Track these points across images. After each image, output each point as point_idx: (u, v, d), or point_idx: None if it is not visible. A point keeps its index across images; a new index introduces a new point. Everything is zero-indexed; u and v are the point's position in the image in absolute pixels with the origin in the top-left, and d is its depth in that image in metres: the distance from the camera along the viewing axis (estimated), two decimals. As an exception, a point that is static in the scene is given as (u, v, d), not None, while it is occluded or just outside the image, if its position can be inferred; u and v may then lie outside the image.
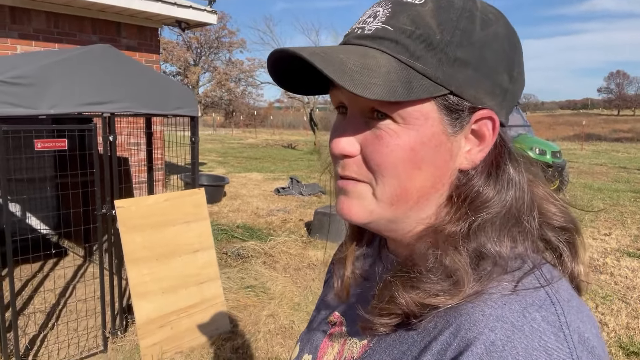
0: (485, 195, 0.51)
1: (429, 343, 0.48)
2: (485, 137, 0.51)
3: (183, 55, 47.44)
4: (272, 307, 3.92)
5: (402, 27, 0.49)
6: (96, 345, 3.24)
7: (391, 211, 0.52)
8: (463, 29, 0.49)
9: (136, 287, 3.10)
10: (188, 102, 3.47)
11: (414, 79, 0.48)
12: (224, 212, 7.31)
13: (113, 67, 3.11)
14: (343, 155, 0.52)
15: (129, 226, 3.10)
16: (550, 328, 0.43)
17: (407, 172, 0.50)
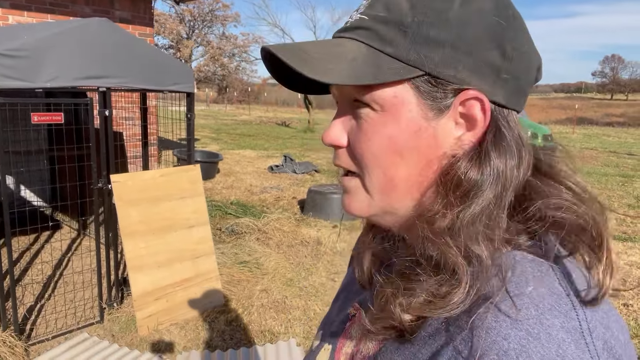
0: (469, 182, 0.47)
1: (440, 348, 0.46)
2: (476, 119, 0.48)
3: (176, 28, 46.62)
4: (265, 282, 4.01)
5: (376, 14, 0.49)
6: (92, 316, 3.32)
7: (384, 201, 0.52)
8: (437, 8, 0.47)
9: (132, 260, 3.15)
10: (185, 78, 3.47)
11: (383, 62, 0.47)
12: (218, 189, 7.35)
13: (110, 41, 3.09)
14: (332, 145, 0.53)
15: (125, 200, 3.14)
16: (569, 335, 0.41)
17: (389, 160, 0.50)
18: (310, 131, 17.51)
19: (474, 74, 0.47)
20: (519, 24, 0.50)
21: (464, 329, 0.44)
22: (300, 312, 3.56)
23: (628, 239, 5.47)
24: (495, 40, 0.47)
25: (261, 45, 0.56)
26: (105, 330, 3.23)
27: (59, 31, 2.88)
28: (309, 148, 13.02)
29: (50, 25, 3.36)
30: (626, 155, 13.35)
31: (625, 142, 18.18)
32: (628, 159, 12.51)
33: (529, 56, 0.51)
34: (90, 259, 3.88)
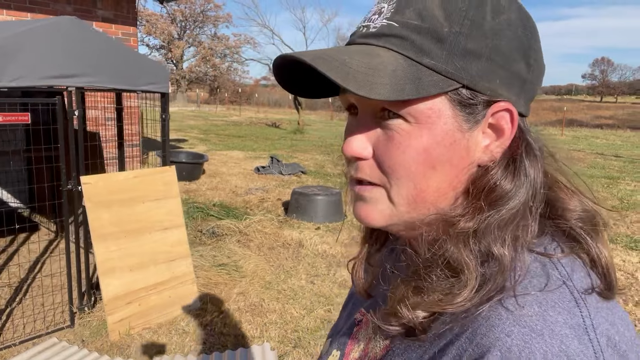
0: (501, 189, 0.48)
1: (445, 347, 0.46)
2: (504, 130, 0.49)
3: (167, 29, 46.39)
4: (243, 285, 3.96)
5: (407, 22, 0.47)
6: (63, 320, 3.24)
7: (408, 213, 0.51)
8: (473, 18, 0.47)
9: (103, 263, 3.09)
10: (160, 78, 3.42)
11: (423, 74, 0.46)
12: (202, 190, 7.29)
13: (81, 40, 3.03)
14: (356, 157, 0.51)
15: (95, 202, 3.07)
16: (573, 331, 0.41)
17: (421, 173, 0.49)
18: (299, 132, 17.46)
19: (505, 86, 0.48)
20: (537, 34, 0.51)
21: (468, 327, 0.45)
22: (277, 316, 3.51)
23: (610, 241, 5.47)
24: (522, 52, 0.48)
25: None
26: (76, 335, 3.16)
27: (26, 30, 2.81)
28: (297, 149, 12.97)
29: (18, 24, 3.29)
30: (613, 157, 13.44)
31: (613, 144, 18.32)
32: (614, 161, 12.60)
33: (542, 65, 0.52)
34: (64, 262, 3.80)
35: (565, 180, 0.53)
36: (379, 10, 0.50)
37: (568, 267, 0.47)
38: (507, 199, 0.48)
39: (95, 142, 4.35)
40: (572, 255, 0.48)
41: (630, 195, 8.03)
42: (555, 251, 0.48)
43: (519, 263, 0.46)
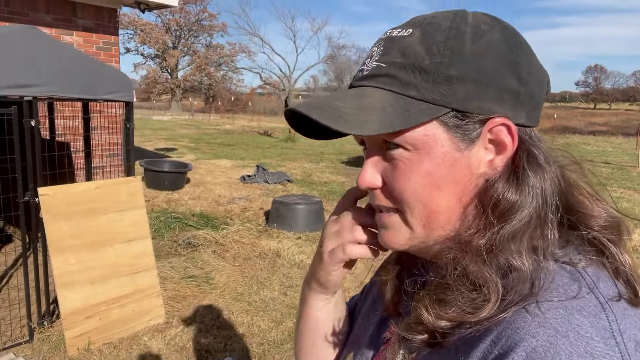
0: (507, 201, 0.50)
1: (469, 351, 0.47)
2: (505, 143, 0.51)
3: (161, 38, 46.49)
4: (212, 297, 3.88)
5: (393, 60, 0.51)
6: (22, 335, 3.16)
7: (426, 233, 0.54)
8: (452, 47, 0.50)
9: (61, 277, 3.01)
10: (122, 86, 3.36)
11: (411, 106, 0.49)
12: (184, 200, 7.21)
13: (37, 49, 2.98)
14: (369, 188, 0.56)
15: (54, 214, 3.00)
16: (599, 334, 0.41)
17: (428, 195, 0.51)
18: (291, 140, 17.42)
19: (497, 102, 0.50)
20: (526, 48, 0.53)
21: (493, 330, 0.46)
22: (244, 329, 3.43)
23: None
24: (510, 68, 0.50)
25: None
26: (34, 350, 3.07)
27: (-20, 38, 2.76)
28: (286, 157, 12.93)
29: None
30: (602, 164, 13.44)
31: (604, 150, 18.37)
32: (603, 167, 12.59)
33: (539, 75, 0.54)
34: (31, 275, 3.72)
35: (590, 188, 0.54)
36: (371, 54, 0.55)
37: (594, 276, 0.47)
38: (515, 211, 0.49)
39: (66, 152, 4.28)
40: (597, 264, 0.49)
41: (615, 202, 7.90)
42: (581, 261, 0.48)
43: (542, 272, 0.47)
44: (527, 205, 0.49)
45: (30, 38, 2.95)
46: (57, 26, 6.39)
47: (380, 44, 0.54)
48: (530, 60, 0.53)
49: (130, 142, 3.42)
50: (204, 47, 49.70)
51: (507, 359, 0.42)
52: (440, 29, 0.51)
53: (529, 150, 0.52)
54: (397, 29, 0.54)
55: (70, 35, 6.54)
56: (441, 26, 0.51)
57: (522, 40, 0.53)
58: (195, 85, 50.10)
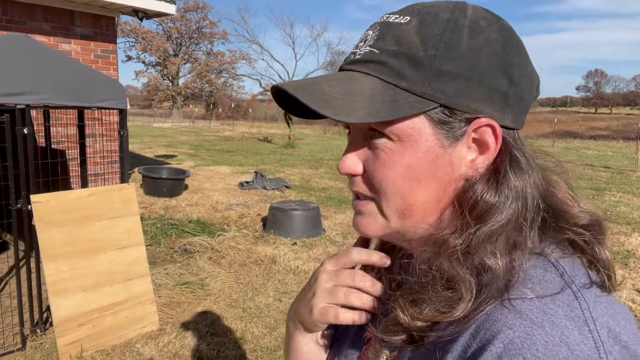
0: (485, 203, 0.50)
1: (449, 346, 0.48)
2: (489, 144, 0.51)
3: (162, 45, 46.74)
4: (207, 303, 3.88)
5: (387, 48, 0.50)
6: (15, 343, 3.16)
7: (400, 224, 0.54)
8: (448, 41, 0.49)
9: (54, 284, 3.02)
10: (116, 94, 3.38)
11: (399, 97, 0.49)
12: (181, 206, 7.22)
13: (30, 58, 3.00)
14: (348, 174, 0.55)
15: (46, 221, 3.01)
16: (573, 323, 0.42)
17: (407, 187, 0.51)
18: (290, 146, 17.45)
19: (485, 102, 0.50)
20: (522, 49, 0.53)
21: (471, 325, 0.46)
22: (238, 335, 3.42)
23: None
24: (503, 69, 0.50)
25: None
26: (27, 358, 3.07)
27: (-28, 47, 2.78)
28: (286, 163, 12.94)
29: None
30: (602, 168, 13.43)
31: (604, 155, 18.34)
32: (603, 172, 12.58)
33: (530, 78, 0.53)
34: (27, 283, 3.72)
35: (571, 190, 0.55)
36: (365, 37, 0.53)
37: (567, 265, 0.48)
38: (493, 212, 0.49)
39: (60, 159, 4.30)
40: (571, 257, 0.50)
41: (614, 206, 7.99)
42: (554, 252, 0.49)
43: (519, 270, 0.47)
44: (505, 207, 0.49)
45: (24, 47, 2.97)
46: (55, 34, 6.43)
47: (376, 28, 0.53)
48: (523, 61, 0.52)
49: (125, 149, 3.43)
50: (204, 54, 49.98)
51: (485, 351, 0.43)
52: (437, 20, 0.50)
53: (511, 152, 0.52)
54: (395, 15, 0.53)
55: (69, 44, 6.59)
56: (439, 17, 0.50)
57: (518, 41, 0.53)
58: (196, 92, 50.31)
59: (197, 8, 46.56)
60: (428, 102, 0.49)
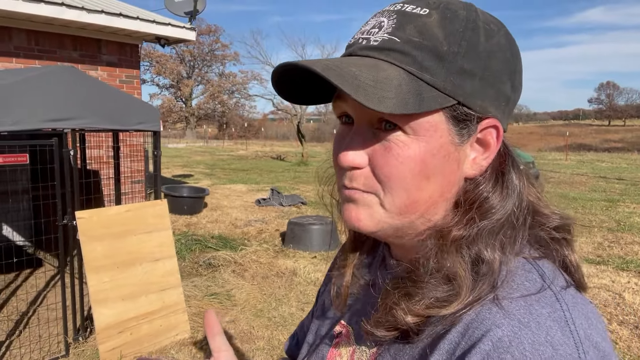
0: (492, 201, 0.52)
1: (437, 344, 0.48)
2: (490, 145, 0.53)
3: (176, 68, 47.83)
4: (234, 313, 4.08)
5: (409, 38, 0.49)
6: (59, 350, 3.38)
7: (399, 220, 0.53)
8: (469, 39, 0.49)
9: (96, 294, 3.25)
10: (150, 117, 3.66)
11: (423, 90, 0.48)
12: (202, 223, 7.47)
13: (76, 86, 3.29)
14: (351, 167, 0.52)
15: (89, 236, 3.26)
16: (556, 324, 0.44)
17: (416, 183, 0.50)
18: (303, 164, 17.73)
19: (493, 104, 0.51)
20: (520, 58, 0.55)
21: (459, 322, 0.48)
22: (265, 342, 3.61)
23: (602, 262, 5.52)
24: (509, 74, 0.52)
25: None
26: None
27: (26, 78, 3.08)
28: (300, 181, 13.18)
29: (20, 72, 3.58)
30: (615, 180, 13.44)
31: (617, 167, 18.29)
32: (616, 184, 12.60)
33: (521, 87, 0.56)
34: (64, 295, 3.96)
35: (539, 192, 0.57)
36: (378, 24, 0.52)
37: (545, 267, 0.51)
38: (497, 210, 0.51)
39: (94, 179, 4.58)
40: (548, 258, 0.52)
41: (627, 217, 8.05)
42: (531, 253, 0.52)
43: (505, 266, 0.49)
44: (508, 205, 0.52)
45: (70, 76, 3.26)
46: (83, 62, 6.80)
47: (391, 16, 0.51)
48: (521, 69, 0.55)
49: (158, 168, 3.69)
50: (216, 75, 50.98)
51: (474, 349, 0.44)
52: (458, 17, 0.50)
53: (512, 154, 0.55)
54: (409, 4, 0.52)
55: (95, 70, 6.95)
56: (458, 14, 0.50)
57: (518, 49, 0.55)
58: (209, 112, 51.18)
59: (210, 31, 47.71)
60: (448, 98, 0.49)
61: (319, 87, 0.55)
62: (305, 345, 0.73)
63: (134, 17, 6.57)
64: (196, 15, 7.86)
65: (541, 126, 75.41)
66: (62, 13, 5.81)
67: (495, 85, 0.51)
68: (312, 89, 0.56)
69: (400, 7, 0.52)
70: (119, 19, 6.44)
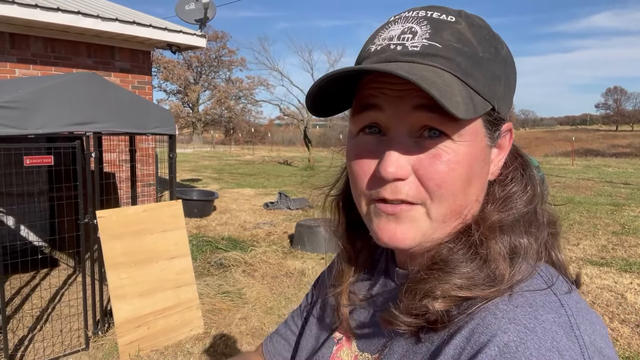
0: (518, 198, 0.54)
1: (441, 348, 0.48)
2: (505, 147, 0.56)
3: (183, 74, 48.28)
4: (245, 310, 4.21)
5: (449, 44, 0.49)
6: (79, 343, 3.54)
7: (442, 228, 0.52)
8: (494, 46, 0.52)
9: (115, 290, 3.40)
10: (166, 121, 3.82)
11: (473, 95, 0.48)
12: (212, 226, 7.62)
13: (97, 92, 3.46)
14: (396, 178, 0.50)
15: (108, 234, 3.42)
16: (561, 329, 0.44)
17: (463, 188, 0.51)
18: (310, 169, 17.88)
19: (508, 108, 0.54)
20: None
21: (464, 327, 0.47)
22: (276, 338, 3.74)
23: (605, 264, 5.61)
24: (515, 81, 0.56)
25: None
26: (90, 356, 3.44)
27: (51, 84, 3.25)
28: (307, 185, 13.31)
29: (45, 79, 3.76)
30: (621, 185, 13.47)
31: (624, 172, 18.28)
32: (622, 188, 12.63)
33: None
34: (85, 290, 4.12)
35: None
36: (409, 30, 0.50)
37: (546, 270, 0.52)
38: (522, 205, 0.54)
39: (110, 181, 4.75)
40: (541, 260, 0.53)
41: (632, 221, 8.11)
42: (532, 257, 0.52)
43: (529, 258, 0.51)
44: (535, 198, 0.55)
45: (91, 82, 3.43)
46: (97, 68, 6.99)
47: (421, 22, 0.50)
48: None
49: (173, 170, 3.85)
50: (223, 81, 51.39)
51: (480, 354, 0.44)
52: (480, 25, 0.52)
53: (522, 153, 0.59)
54: (432, 12, 0.51)
55: (109, 76, 7.14)
56: (479, 22, 0.52)
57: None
58: (216, 118, 51.55)
59: (217, 37, 48.13)
60: (487, 103, 0.50)
61: (331, 98, 0.54)
62: (303, 351, 0.72)
63: (146, 25, 6.77)
64: (206, 23, 8.05)
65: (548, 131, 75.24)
66: (78, 21, 6.01)
67: (511, 91, 0.54)
68: (328, 100, 0.54)
69: (425, 13, 0.51)
70: (132, 26, 6.64)
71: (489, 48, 0.51)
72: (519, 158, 0.58)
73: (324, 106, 0.55)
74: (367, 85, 0.51)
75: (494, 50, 0.51)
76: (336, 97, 0.54)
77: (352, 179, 0.55)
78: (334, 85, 0.51)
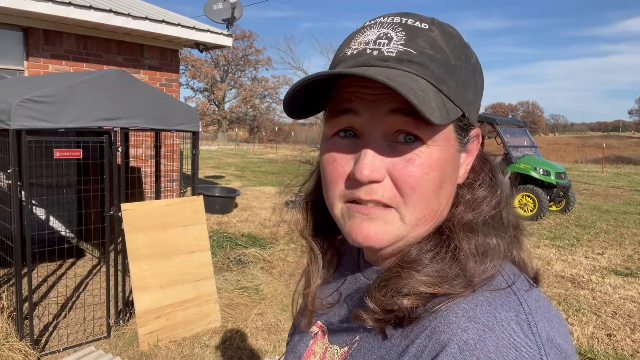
0: (487, 200, 0.56)
1: (406, 347, 0.50)
2: (472, 151, 0.57)
3: (210, 72, 48.96)
4: (262, 306, 4.28)
5: (423, 50, 0.50)
6: (101, 332, 3.66)
7: (414, 231, 0.53)
8: (465, 54, 0.53)
9: (137, 281, 3.51)
10: (190, 118, 3.91)
11: (445, 101, 0.50)
12: (233, 222, 7.74)
13: (125, 89, 3.57)
14: (370, 180, 0.51)
15: (132, 226, 3.52)
16: (519, 326, 0.46)
17: (435, 192, 0.52)
18: (332, 169, 17.90)
19: (476, 113, 0.56)
20: None
21: (427, 327, 0.49)
22: (291, 335, 3.79)
23: (630, 274, 5.47)
24: (483, 88, 0.58)
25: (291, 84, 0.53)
26: (111, 345, 3.55)
27: (82, 80, 3.37)
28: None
29: (76, 75, 3.89)
30: (652, 194, 13.05)
31: (656, 180, 17.70)
32: (653, 197, 12.24)
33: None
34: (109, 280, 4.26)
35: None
36: (385, 35, 0.51)
37: (509, 270, 0.54)
38: (490, 206, 0.56)
39: (135, 175, 4.88)
40: (504, 259, 0.55)
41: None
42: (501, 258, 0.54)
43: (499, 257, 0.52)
44: (503, 200, 0.57)
45: (120, 79, 3.55)
46: (126, 65, 7.18)
47: (396, 28, 0.51)
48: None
49: (195, 166, 3.93)
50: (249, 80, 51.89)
51: (442, 352, 0.45)
52: (451, 33, 0.53)
53: (489, 158, 0.62)
54: (406, 18, 0.52)
55: (137, 74, 7.32)
56: (451, 31, 0.53)
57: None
58: (241, 116, 52.10)
59: (244, 37, 48.65)
60: (458, 110, 0.51)
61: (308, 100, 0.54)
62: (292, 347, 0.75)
63: (175, 24, 6.91)
64: (233, 22, 8.17)
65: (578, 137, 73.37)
66: (110, 19, 6.18)
67: (480, 97, 0.56)
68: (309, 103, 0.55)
69: (400, 20, 0.52)
70: (162, 25, 6.78)
71: (460, 56, 0.52)
72: (487, 163, 0.60)
73: (302, 108, 0.56)
74: (344, 88, 0.52)
75: (465, 58, 0.53)
76: (312, 99, 0.54)
77: (326, 180, 0.56)
78: (314, 87, 0.52)
